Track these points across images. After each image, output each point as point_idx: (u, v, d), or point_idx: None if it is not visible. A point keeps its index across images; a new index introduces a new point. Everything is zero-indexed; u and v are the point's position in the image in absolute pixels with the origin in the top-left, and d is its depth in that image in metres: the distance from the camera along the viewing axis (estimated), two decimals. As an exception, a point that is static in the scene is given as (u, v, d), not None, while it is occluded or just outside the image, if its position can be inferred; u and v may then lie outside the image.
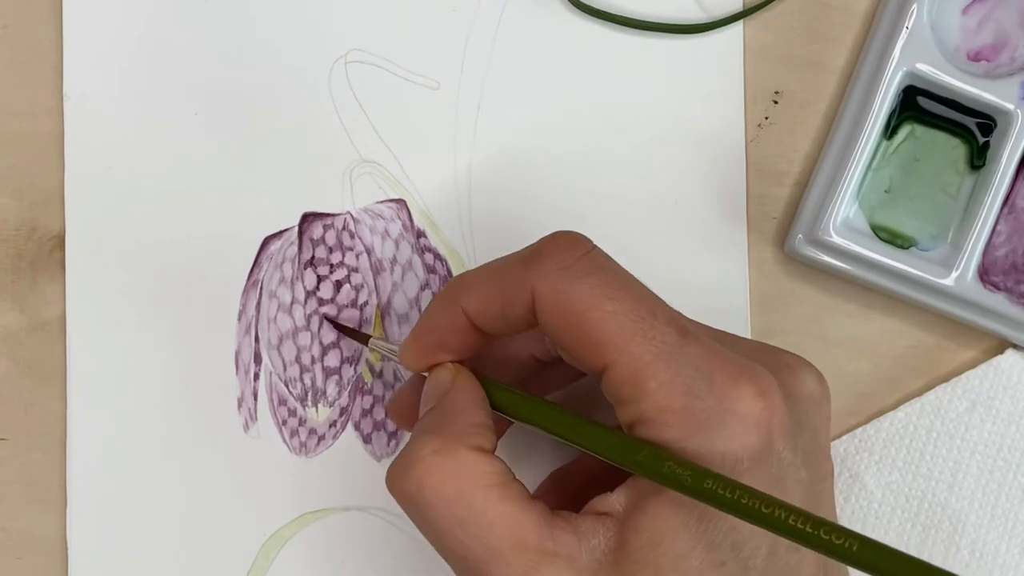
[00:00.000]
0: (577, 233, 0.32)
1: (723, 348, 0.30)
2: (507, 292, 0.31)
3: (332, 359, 0.39)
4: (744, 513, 0.27)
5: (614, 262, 0.31)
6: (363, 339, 0.37)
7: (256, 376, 0.39)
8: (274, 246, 0.39)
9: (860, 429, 0.40)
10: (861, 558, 0.25)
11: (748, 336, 0.40)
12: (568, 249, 0.31)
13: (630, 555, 0.29)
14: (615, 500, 0.30)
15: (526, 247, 0.32)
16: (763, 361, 0.31)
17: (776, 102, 0.40)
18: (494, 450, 0.31)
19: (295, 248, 0.39)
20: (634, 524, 0.29)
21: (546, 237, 0.32)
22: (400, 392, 0.36)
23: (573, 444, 0.31)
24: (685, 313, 0.31)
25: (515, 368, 0.35)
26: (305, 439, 0.39)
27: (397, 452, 0.39)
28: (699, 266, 0.40)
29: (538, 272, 0.31)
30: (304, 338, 0.39)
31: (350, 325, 0.39)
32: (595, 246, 0.32)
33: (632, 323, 0.30)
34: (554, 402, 0.33)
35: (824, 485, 0.32)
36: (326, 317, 0.39)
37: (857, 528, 0.40)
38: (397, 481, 0.31)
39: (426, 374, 0.34)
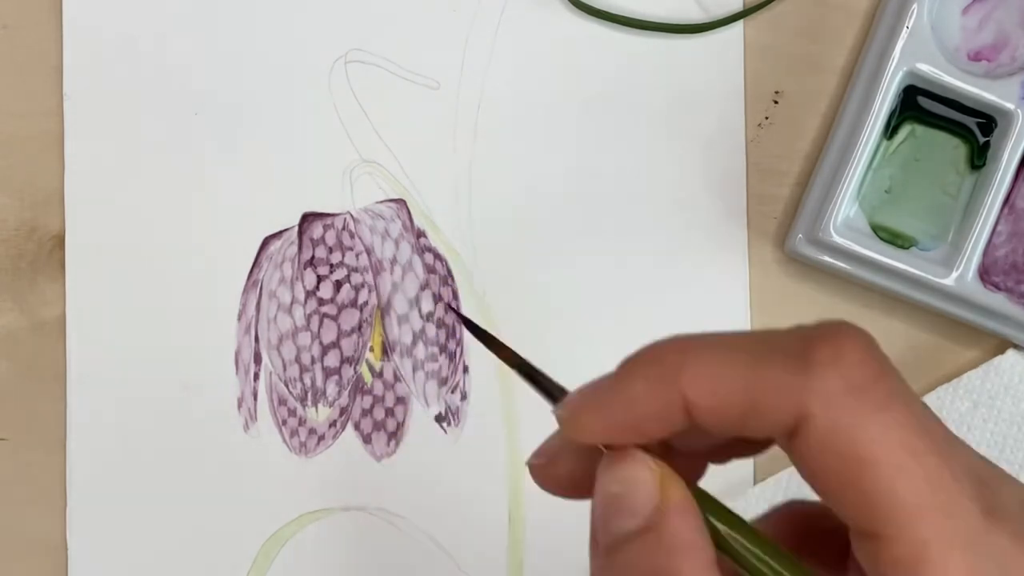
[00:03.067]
0: (866, 334, 0.24)
1: None
2: (760, 397, 0.23)
3: (332, 359, 0.39)
4: None
5: (909, 387, 0.24)
6: (554, 395, 0.26)
7: (256, 376, 0.39)
8: (274, 246, 0.39)
9: (860, 429, 0.40)
10: None
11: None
12: (858, 364, 0.23)
13: None
14: None
15: (790, 334, 0.24)
16: None
17: (776, 102, 0.40)
18: None
19: (295, 248, 0.39)
20: None
21: (825, 332, 0.24)
22: (550, 451, 0.26)
23: None
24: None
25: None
26: (305, 439, 0.39)
27: (397, 452, 0.39)
28: (699, 266, 0.40)
29: (816, 390, 0.23)
30: (304, 338, 0.39)
31: (351, 324, 0.39)
32: (886, 357, 0.24)
33: (931, 492, 0.23)
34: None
35: None
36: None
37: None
38: None
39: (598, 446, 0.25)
